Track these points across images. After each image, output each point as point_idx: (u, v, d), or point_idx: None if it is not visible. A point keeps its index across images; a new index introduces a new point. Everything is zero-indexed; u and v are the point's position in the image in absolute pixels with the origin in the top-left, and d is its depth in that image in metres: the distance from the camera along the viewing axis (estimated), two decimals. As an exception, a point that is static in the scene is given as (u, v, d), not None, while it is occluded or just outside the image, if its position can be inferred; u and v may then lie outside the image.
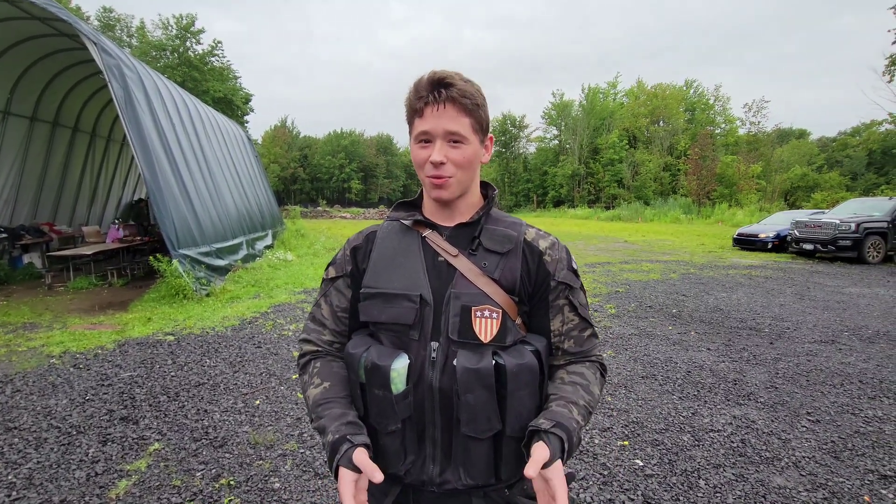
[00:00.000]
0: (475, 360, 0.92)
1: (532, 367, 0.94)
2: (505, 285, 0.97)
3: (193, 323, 5.91)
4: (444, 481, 0.96)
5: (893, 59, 20.51)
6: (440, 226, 1.03)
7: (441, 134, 0.93)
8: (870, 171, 45.54)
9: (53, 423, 3.31)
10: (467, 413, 0.92)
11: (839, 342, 5.29)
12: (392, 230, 1.07)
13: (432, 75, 0.94)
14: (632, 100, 47.24)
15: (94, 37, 7.16)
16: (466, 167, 0.96)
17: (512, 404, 0.93)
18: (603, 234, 21.22)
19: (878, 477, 2.74)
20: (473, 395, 0.91)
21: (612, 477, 2.74)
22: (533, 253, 1.01)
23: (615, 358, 4.77)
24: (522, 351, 0.95)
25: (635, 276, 9.61)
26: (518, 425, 0.94)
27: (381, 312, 0.98)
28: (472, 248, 0.99)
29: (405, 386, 0.94)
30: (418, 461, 0.98)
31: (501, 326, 0.94)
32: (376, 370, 0.94)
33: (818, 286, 8.68)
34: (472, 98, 0.94)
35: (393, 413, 0.94)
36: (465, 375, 0.90)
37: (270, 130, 63.74)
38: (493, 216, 1.05)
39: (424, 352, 0.96)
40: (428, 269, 0.99)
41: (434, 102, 0.92)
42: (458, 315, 0.94)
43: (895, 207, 12.22)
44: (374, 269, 1.02)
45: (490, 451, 0.95)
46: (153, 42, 33.97)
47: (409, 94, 0.96)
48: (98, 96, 11.45)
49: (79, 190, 12.24)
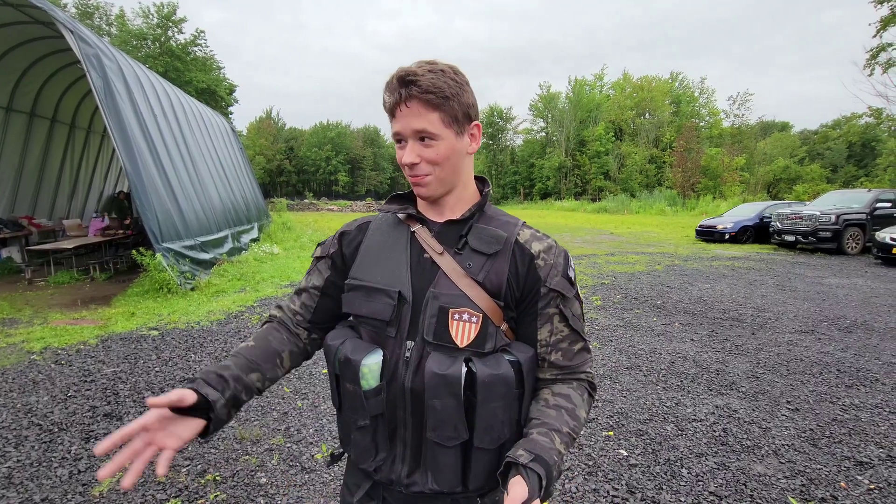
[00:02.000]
0: (445, 364, 0.88)
1: (507, 380, 0.89)
2: (490, 288, 0.92)
3: (178, 317, 5.84)
4: (411, 483, 0.94)
5: (874, 53, 20.85)
6: (431, 221, 1.00)
7: (410, 133, 0.89)
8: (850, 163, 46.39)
9: (34, 421, 3.26)
10: (433, 418, 0.88)
11: (818, 332, 5.41)
12: (385, 223, 1.04)
13: (398, 73, 0.89)
14: (618, 92, 47.50)
15: (71, 25, 6.97)
16: (443, 163, 0.91)
17: (482, 415, 0.88)
18: (589, 226, 21.37)
19: (855, 463, 2.82)
20: (440, 401, 0.87)
21: (597, 467, 2.78)
22: (523, 255, 0.95)
23: (601, 350, 4.82)
24: (500, 361, 0.90)
25: (621, 268, 9.71)
26: (488, 437, 0.89)
27: (362, 306, 0.96)
28: (458, 247, 0.95)
29: (377, 382, 0.92)
30: (388, 459, 0.96)
31: (480, 332, 0.89)
32: (347, 364, 0.92)
33: (799, 277, 8.86)
34: (438, 91, 0.87)
35: (362, 408, 0.92)
36: (432, 380, 0.87)
37: (255, 122, 62.85)
38: (488, 214, 1.00)
39: (399, 350, 0.93)
40: (412, 266, 0.95)
41: (399, 101, 0.88)
42: (434, 316, 0.90)
43: (873, 199, 12.49)
44: (362, 262, 1.01)
45: (457, 460, 0.91)
46: (133, 31, 33.16)
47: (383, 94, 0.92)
48: (77, 86, 11.17)
49: (58, 182, 11.97)
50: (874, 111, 22.77)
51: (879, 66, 20.94)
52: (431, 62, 0.91)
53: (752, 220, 14.88)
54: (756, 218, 14.95)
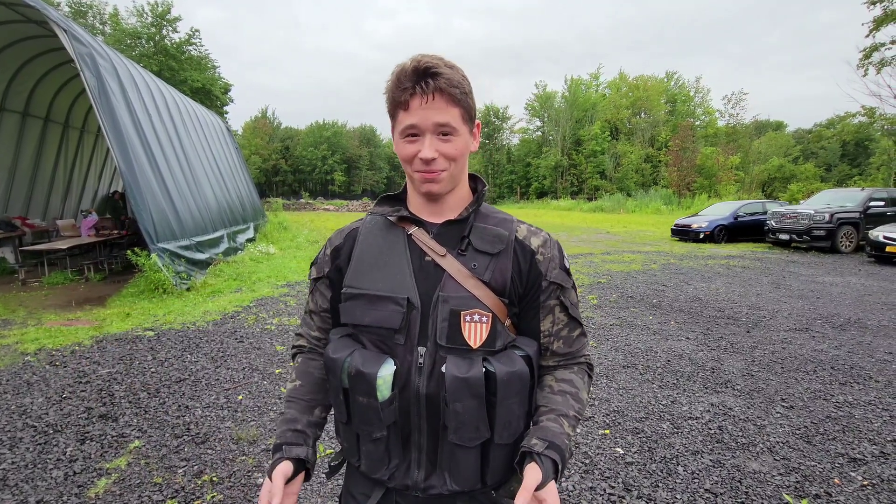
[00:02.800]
0: (465, 368, 0.87)
1: (523, 375, 0.91)
2: (495, 287, 0.92)
3: (174, 318, 5.82)
4: (428, 486, 0.93)
5: (867, 53, 20.98)
6: (427, 222, 0.97)
7: (430, 128, 0.86)
8: (843, 162, 46.73)
9: (29, 422, 3.24)
10: (455, 421, 0.88)
11: (812, 330, 5.44)
12: (375, 226, 1.01)
13: (417, 64, 0.85)
14: (614, 91, 47.58)
15: (65, 24, 6.92)
16: (458, 160, 0.91)
17: (501, 413, 0.89)
18: (586, 225, 21.42)
19: (848, 460, 2.84)
20: (462, 403, 0.87)
21: (594, 465, 2.79)
22: (525, 252, 0.96)
23: (597, 348, 4.84)
24: (513, 357, 0.91)
25: (617, 267, 9.74)
26: (506, 433, 0.91)
27: (365, 315, 0.93)
28: (461, 248, 0.94)
29: (390, 392, 0.90)
30: (402, 465, 0.95)
31: (491, 331, 0.90)
32: (361, 377, 0.89)
33: (793, 275, 8.91)
34: (460, 87, 0.87)
35: (378, 420, 0.90)
36: (454, 384, 0.86)
37: (251, 121, 62.65)
38: (483, 212, 0.99)
39: (411, 357, 0.91)
40: (415, 270, 0.93)
41: (422, 94, 0.85)
42: (446, 320, 0.89)
43: (867, 198, 12.57)
44: (357, 269, 0.97)
45: (477, 459, 0.92)
46: (127, 30, 32.92)
47: (391, 85, 0.88)
48: (70, 85, 11.09)
49: (52, 183, 11.89)
50: (867, 110, 22.91)
51: (873, 66, 21.08)
52: (439, 56, 0.89)
53: (727, 220, 14.81)
54: (731, 217, 14.89)
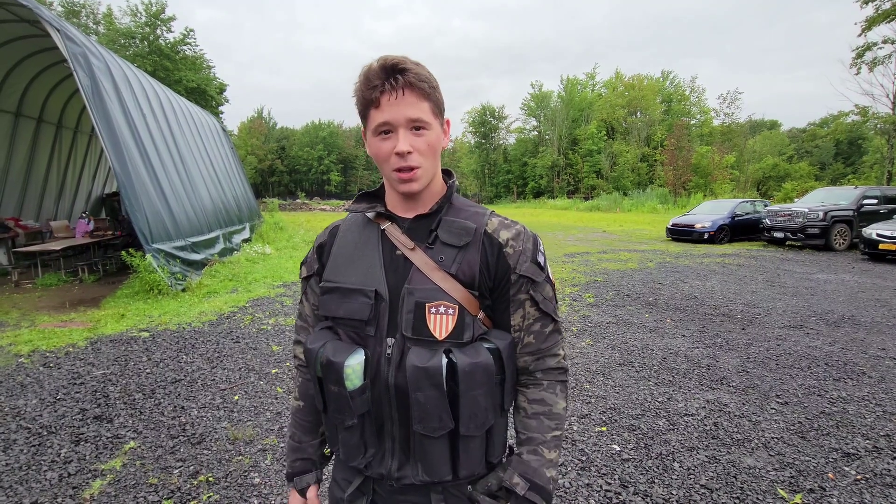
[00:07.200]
0: (426, 358, 0.89)
1: (487, 367, 0.91)
2: (463, 280, 0.93)
3: (169, 319, 5.79)
4: (401, 476, 0.96)
5: (860, 52, 21.12)
6: (400, 217, 1.00)
7: (403, 122, 0.89)
8: (837, 160, 47.03)
9: (23, 424, 3.22)
10: (419, 411, 0.90)
11: (807, 327, 5.47)
12: (354, 223, 1.05)
13: (384, 62, 0.88)
14: (610, 91, 47.68)
15: (58, 23, 6.88)
16: (432, 154, 0.93)
17: (465, 404, 0.90)
18: (582, 224, 21.46)
19: (842, 455, 2.86)
20: (423, 393, 0.89)
21: (590, 462, 2.80)
22: (492, 245, 0.96)
23: (593, 346, 4.85)
24: (479, 349, 0.92)
25: (613, 266, 9.77)
26: (472, 424, 0.92)
27: (339, 307, 0.97)
28: (429, 242, 0.96)
29: (361, 381, 0.93)
30: (378, 455, 0.97)
31: (458, 323, 0.91)
32: (330, 366, 0.92)
33: (788, 273, 8.95)
34: (428, 81, 0.90)
35: (349, 409, 0.93)
36: (414, 374, 0.89)
37: (246, 122, 62.44)
38: (456, 206, 1.01)
39: (380, 348, 0.94)
40: (385, 264, 0.96)
41: (392, 90, 0.87)
42: (411, 311, 0.91)
43: (860, 196, 12.65)
44: (334, 263, 1.01)
45: (446, 449, 0.93)
46: (121, 30, 32.73)
47: (360, 86, 0.90)
48: (63, 85, 11.02)
49: (45, 183, 11.81)
50: (861, 109, 23.03)
51: (865, 65, 21.26)
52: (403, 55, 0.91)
53: (727, 219, 14.47)
54: (728, 217, 14.57)
